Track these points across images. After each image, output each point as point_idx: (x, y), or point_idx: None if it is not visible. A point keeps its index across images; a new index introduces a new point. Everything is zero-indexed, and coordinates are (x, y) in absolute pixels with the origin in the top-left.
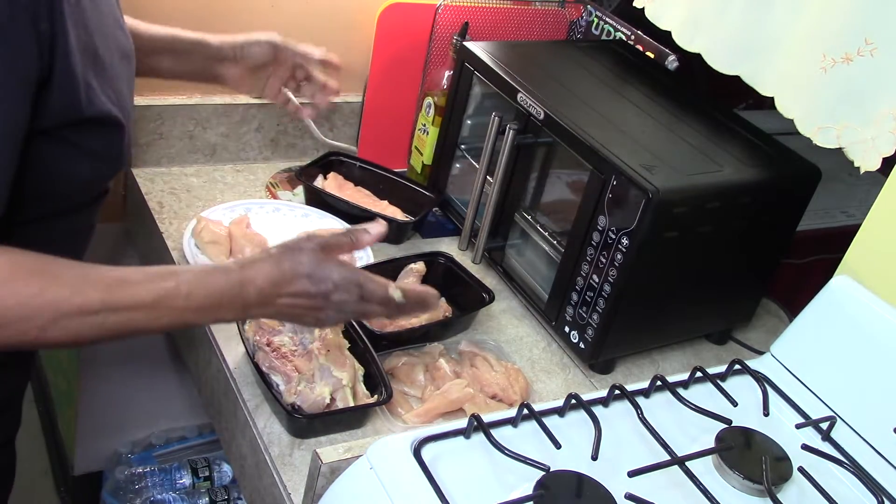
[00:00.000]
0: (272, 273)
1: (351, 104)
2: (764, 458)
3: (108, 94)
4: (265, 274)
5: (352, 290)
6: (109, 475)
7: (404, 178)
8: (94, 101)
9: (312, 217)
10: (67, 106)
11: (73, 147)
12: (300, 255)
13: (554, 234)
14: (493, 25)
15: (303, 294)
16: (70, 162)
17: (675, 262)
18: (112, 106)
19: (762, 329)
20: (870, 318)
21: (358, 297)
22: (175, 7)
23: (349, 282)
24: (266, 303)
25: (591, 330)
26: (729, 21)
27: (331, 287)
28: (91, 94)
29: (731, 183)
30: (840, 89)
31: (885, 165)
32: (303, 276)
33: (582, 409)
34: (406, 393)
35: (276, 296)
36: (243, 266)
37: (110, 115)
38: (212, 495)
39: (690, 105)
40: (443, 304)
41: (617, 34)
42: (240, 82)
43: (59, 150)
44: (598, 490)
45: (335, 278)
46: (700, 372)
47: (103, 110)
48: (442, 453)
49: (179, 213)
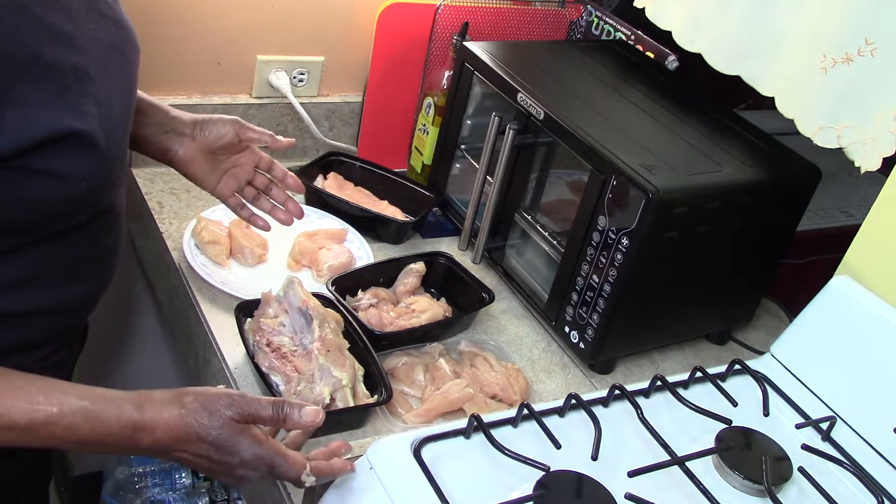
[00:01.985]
0: (176, 428)
1: (351, 104)
2: (764, 458)
3: (65, 103)
4: (166, 426)
5: (260, 468)
6: (109, 475)
7: (404, 178)
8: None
9: (312, 217)
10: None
11: (26, 172)
12: (213, 419)
13: (554, 234)
14: (493, 25)
15: (204, 457)
16: (29, 188)
17: (675, 262)
18: (68, 118)
19: (762, 329)
20: (870, 318)
21: (267, 474)
22: (175, 6)
23: (259, 460)
24: (161, 451)
25: (591, 330)
26: (729, 21)
27: (237, 462)
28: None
29: (731, 183)
30: (840, 89)
31: (885, 165)
32: (208, 442)
33: (582, 409)
34: (406, 393)
35: (174, 450)
36: (143, 407)
37: (63, 130)
38: (212, 495)
39: (690, 105)
40: (443, 304)
41: (617, 34)
42: (192, 164)
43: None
44: (598, 490)
45: (244, 455)
46: (700, 372)
47: (54, 128)
48: (442, 453)
49: (179, 213)
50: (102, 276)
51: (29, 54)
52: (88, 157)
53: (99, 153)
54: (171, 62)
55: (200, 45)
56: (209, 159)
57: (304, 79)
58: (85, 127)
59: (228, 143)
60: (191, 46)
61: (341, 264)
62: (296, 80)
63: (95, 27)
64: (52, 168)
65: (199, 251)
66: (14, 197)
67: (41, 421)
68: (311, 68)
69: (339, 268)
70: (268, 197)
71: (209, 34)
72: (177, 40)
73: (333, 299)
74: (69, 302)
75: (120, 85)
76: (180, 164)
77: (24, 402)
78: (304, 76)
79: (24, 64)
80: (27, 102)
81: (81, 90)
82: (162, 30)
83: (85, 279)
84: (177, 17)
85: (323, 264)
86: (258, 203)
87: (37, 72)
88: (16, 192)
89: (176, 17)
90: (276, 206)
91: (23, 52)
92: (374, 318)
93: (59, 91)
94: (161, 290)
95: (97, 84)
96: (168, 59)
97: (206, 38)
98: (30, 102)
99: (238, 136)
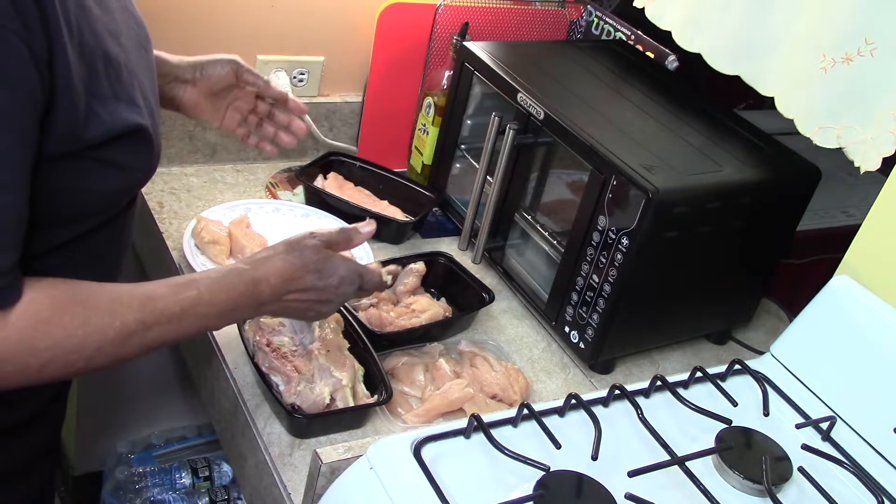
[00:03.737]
0: (283, 269)
1: (351, 104)
2: (764, 458)
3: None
4: (276, 270)
5: (354, 281)
6: (109, 475)
7: (404, 178)
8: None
9: (312, 217)
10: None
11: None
12: (307, 251)
13: (554, 234)
14: (493, 25)
15: (311, 288)
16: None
17: (675, 262)
18: (133, 113)
19: (762, 329)
20: (870, 318)
21: (358, 287)
22: (175, 6)
23: (353, 273)
24: (277, 298)
25: (591, 330)
26: (729, 21)
27: (336, 281)
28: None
29: (731, 183)
30: (840, 89)
31: (885, 165)
32: (312, 271)
33: (582, 409)
34: (406, 393)
35: (286, 291)
36: (255, 265)
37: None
38: (212, 495)
39: (690, 105)
40: (443, 304)
41: (617, 34)
42: (197, 108)
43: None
44: (598, 490)
45: (341, 272)
46: (700, 372)
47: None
48: (442, 453)
49: (179, 213)
50: (120, 261)
51: (103, 52)
52: (147, 150)
53: (152, 146)
54: None
55: (200, 45)
56: (212, 99)
57: (304, 79)
58: (145, 122)
59: (228, 84)
60: (191, 46)
61: None
62: (296, 80)
63: (127, 24)
64: (119, 160)
65: (199, 251)
66: (82, 186)
67: (189, 304)
68: (311, 68)
69: None
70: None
71: (209, 34)
72: (177, 40)
73: None
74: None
75: (150, 79)
76: (186, 109)
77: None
78: (304, 76)
79: (102, 61)
80: (107, 97)
81: (133, 85)
82: (162, 30)
83: (111, 264)
84: (177, 17)
85: None
86: (262, 130)
87: (109, 68)
88: (85, 182)
89: (176, 16)
90: (280, 130)
91: (101, 50)
92: (374, 318)
93: (124, 87)
94: None
95: (139, 79)
96: None
97: (206, 37)
98: (108, 97)
99: (236, 77)
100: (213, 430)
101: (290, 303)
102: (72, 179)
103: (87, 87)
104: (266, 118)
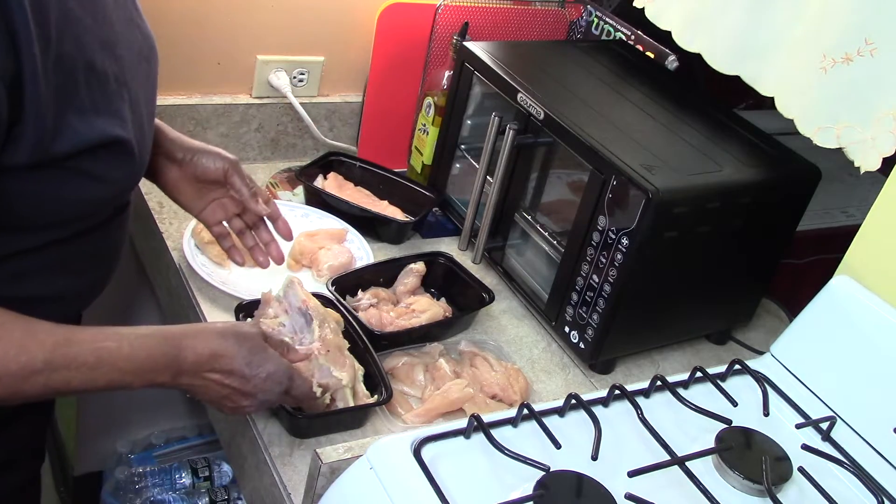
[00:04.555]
0: (214, 345)
1: (351, 104)
2: (764, 458)
3: (110, 110)
4: (206, 343)
5: (283, 382)
6: (109, 475)
7: (404, 178)
8: (80, 128)
9: (312, 217)
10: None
11: (72, 173)
12: (244, 337)
13: (554, 234)
14: (493, 25)
15: (236, 374)
16: (72, 188)
17: (675, 262)
18: (113, 125)
19: (762, 329)
20: (870, 318)
21: (285, 390)
22: (175, 6)
23: (283, 374)
24: (198, 372)
25: (591, 330)
26: (729, 21)
27: (264, 375)
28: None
29: (731, 183)
30: (840, 89)
31: (885, 165)
32: (242, 357)
33: (582, 409)
34: (406, 393)
35: (210, 368)
36: (186, 332)
37: (110, 136)
38: (212, 495)
39: (690, 105)
40: (443, 304)
41: (617, 34)
42: (176, 189)
43: (57, 178)
44: (598, 490)
45: (270, 368)
46: (700, 372)
47: (105, 134)
48: (442, 453)
49: (179, 213)
50: (110, 267)
51: (86, 63)
52: (126, 162)
53: (133, 159)
54: (172, 62)
55: (200, 45)
56: (196, 187)
57: (304, 79)
58: (126, 135)
59: (215, 179)
60: (191, 46)
61: (341, 264)
62: (296, 80)
63: (128, 36)
64: (94, 171)
65: (199, 251)
66: (58, 194)
67: (106, 355)
68: (311, 68)
69: (339, 268)
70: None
71: (209, 34)
72: (177, 40)
73: (333, 299)
74: (80, 289)
75: (146, 92)
76: (166, 188)
77: (89, 342)
78: (304, 76)
79: (83, 72)
80: (85, 109)
81: (121, 97)
82: (162, 30)
83: (97, 269)
84: (177, 17)
85: (323, 264)
86: (242, 238)
87: (91, 80)
88: (60, 190)
89: (176, 17)
90: (258, 246)
91: (83, 61)
92: (374, 318)
93: (107, 98)
94: (161, 290)
95: (131, 91)
96: (168, 59)
97: (206, 37)
98: (87, 109)
99: (225, 177)
100: (213, 430)
101: (211, 383)
102: (43, 187)
103: (62, 98)
104: (252, 227)
